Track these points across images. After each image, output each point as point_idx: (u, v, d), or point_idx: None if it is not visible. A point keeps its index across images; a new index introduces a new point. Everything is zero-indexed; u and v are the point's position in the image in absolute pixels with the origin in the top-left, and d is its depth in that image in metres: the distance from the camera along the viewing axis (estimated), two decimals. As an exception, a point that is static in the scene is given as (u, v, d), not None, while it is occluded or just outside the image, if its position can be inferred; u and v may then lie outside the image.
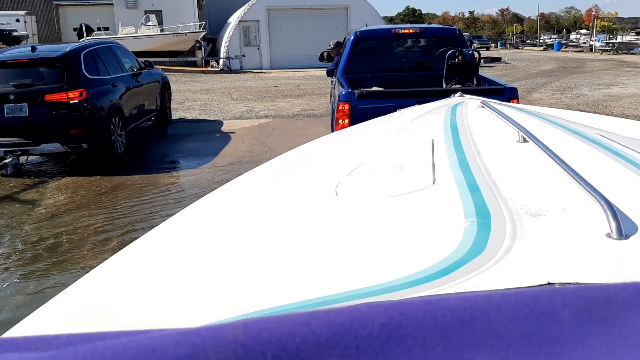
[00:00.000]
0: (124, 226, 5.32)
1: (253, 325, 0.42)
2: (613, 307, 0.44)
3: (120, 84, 8.17)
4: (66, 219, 5.56)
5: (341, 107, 5.12)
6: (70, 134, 7.04)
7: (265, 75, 24.13)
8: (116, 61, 8.60)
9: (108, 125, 7.48)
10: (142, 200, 6.14)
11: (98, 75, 7.71)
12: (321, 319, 0.42)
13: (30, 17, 26.93)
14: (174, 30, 26.29)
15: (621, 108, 11.80)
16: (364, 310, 0.43)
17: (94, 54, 7.91)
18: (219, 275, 1.01)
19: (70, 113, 7.02)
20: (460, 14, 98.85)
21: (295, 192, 1.56)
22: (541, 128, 1.88)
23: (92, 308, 0.96)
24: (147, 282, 1.04)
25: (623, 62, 28.21)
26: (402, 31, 7.35)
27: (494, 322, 0.42)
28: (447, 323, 0.42)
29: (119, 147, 7.85)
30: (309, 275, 0.95)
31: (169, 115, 10.92)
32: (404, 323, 0.42)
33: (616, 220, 0.91)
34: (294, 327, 0.41)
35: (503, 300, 0.44)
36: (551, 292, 0.46)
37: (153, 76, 9.97)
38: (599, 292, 0.46)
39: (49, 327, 0.88)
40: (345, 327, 0.41)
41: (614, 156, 1.43)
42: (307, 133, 9.26)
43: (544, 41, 55.86)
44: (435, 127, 2.09)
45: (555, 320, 0.42)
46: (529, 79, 19.42)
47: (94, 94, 7.30)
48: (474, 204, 1.13)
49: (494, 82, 6.25)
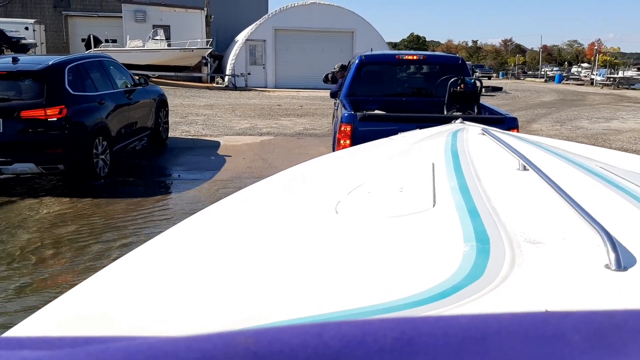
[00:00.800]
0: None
1: (265, 334, 0.42)
2: (622, 333, 0.44)
3: (109, 101, 7.66)
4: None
5: (343, 129, 5.16)
6: (46, 154, 6.52)
7: (269, 93, 24.27)
8: (106, 77, 8.13)
9: (90, 146, 6.97)
10: (108, 237, 5.27)
11: (83, 91, 7.21)
12: (333, 331, 0.42)
13: (39, 26, 27.14)
14: (181, 45, 26.51)
15: (620, 142, 11.86)
16: (376, 324, 0.43)
17: (80, 69, 7.40)
18: (217, 286, 1.01)
19: (47, 131, 6.49)
20: (464, 43, 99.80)
21: (296, 208, 1.56)
22: (541, 157, 1.89)
23: (91, 312, 0.96)
24: (148, 290, 1.04)
25: (623, 96, 28.41)
26: (406, 57, 7.42)
27: (505, 342, 0.42)
28: (459, 341, 0.42)
29: (102, 169, 7.29)
30: (306, 292, 0.95)
31: (164, 135, 10.27)
32: (416, 339, 0.42)
33: (615, 252, 0.92)
34: (306, 338, 0.41)
35: (514, 321, 0.45)
36: (561, 315, 0.47)
37: (148, 93, 9.40)
38: (608, 318, 0.46)
39: (52, 329, 0.88)
40: (357, 340, 0.41)
41: (614, 188, 1.44)
42: (308, 152, 9.29)
43: (545, 73, 56.29)
44: (436, 151, 2.11)
45: (565, 344, 0.43)
46: (530, 109, 19.53)
47: (76, 112, 6.82)
48: (474, 228, 1.13)
49: (494, 111, 6.29)
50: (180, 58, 26.18)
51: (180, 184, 7.55)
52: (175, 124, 12.85)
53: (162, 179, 8.04)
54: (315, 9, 27.88)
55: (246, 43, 27.82)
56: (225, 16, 33.24)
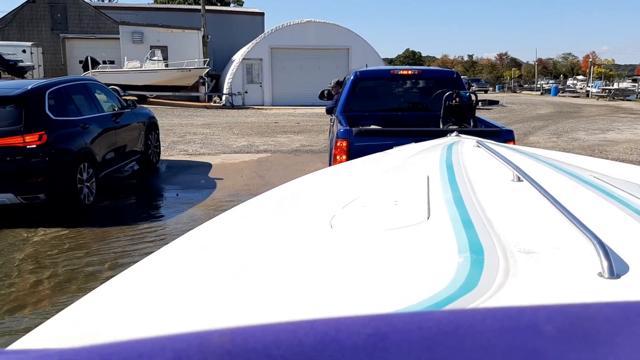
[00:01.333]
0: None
1: (239, 332, 0.42)
2: (596, 323, 0.44)
3: (94, 126, 7.33)
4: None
5: (339, 144, 5.17)
6: (26, 183, 6.18)
7: (266, 111, 24.39)
8: (91, 100, 7.81)
9: (74, 173, 6.63)
10: (87, 271, 4.86)
11: (66, 116, 6.88)
12: (307, 328, 0.42)
13: (36, 49, 27.34)
14: (178, 65, 26.71)
15: (617, 153, 11.91)
16: (350, 321, 0.43)
17: (62, 93, 7.08)
18: (213, 302, 1.01)
19: (26, 159, 6.15)
20: (460, 58, 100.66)
21: (291, 223, 1.56)
22: (535, 168, 1.90)
23: (89, 328, 0.95)
24: (143, 306, 1.03)
25: (619, 108, 28.59)
26: (401, 72, 7.48)
27: (479, 335, 0.42)
28: (433, 335, 0.42)
29: (87, 197, 6.93)
30: (301, 305, 0.95)
31: (155, 159, 9.89)
32: (390, 334, 0.42)
33: (608, 260, 0.92)
34: (280, 335, 0.41)
35: (488, 314, 0.45)
36: (535, 308, 0.47)
37: (137, 116, 9.10)
38: (583, 309, 0.46)
39: (51, 344, 0.88)
40: (331, 337, 0.41)
41: (607, 197, 1.45)
42: (305, 168, 9.30)
43: (541, 86, 56.61)
44: (431, 164, 2.12)
45: (538, 335, 0.42)
46: (526, 122, 19.64)
47: (57, 138, 6.49)
48: (468, 240, 1.13)
49: (490, 124, 6.32)
50: (177, 78, 26.35)
51: (175, 205, 7.42)
52: (173, 143, 12.90)
53: (154, 202, 7.86)
54: (310, 27, 28.16)
55: (243, 62, 28.03)
56: (222, 36, 33.55)
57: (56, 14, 31.65)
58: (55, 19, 31.60)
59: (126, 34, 29.02)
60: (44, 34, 31.16)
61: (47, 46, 30.11)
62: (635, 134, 15.80)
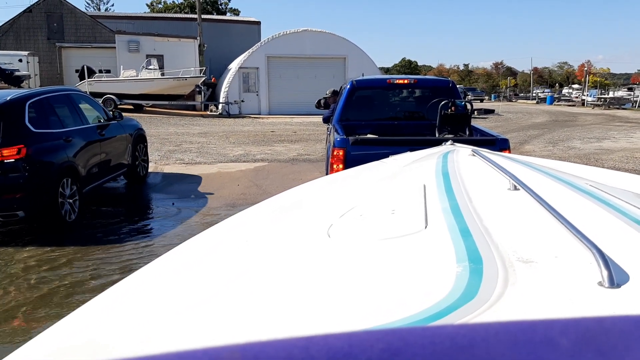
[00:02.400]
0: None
1: (250, 349, 0.41)
2: (610, 337, 0.44)
3: (77, 139, 6.97)
4: None
5: (336, 153, 5.18)
6: (3, 200, 5.85)
7: (263, 120, 24.42)
8: (75, 112, 7.45)
9: (55, 188, 6.27)
10: (62, 293, 4.50)
11: (47, 128, 6.54)
12: (319, 344, 0.41)
13: (33, 58, 27.34)
14: (174, 74, 26.75)
15: (612, 162, 11.95)
16: (363, 336, 0.42)
17: (44, 104, 6.75)
18: (208, 313, 1.00)
19: (4, 174, 5.82)
20: (455, 67, 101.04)
21: (288, 232, 1.56)
22: (532, 177, 1.90)
23: (81, 341, 0.94)
24: (139, 317, 1.02)
25: (615, 116, 28.74)
26: (397, 81, 7.50)
27: (493, 349, 0.42)
28: (446, 350, 0.42)
29: (69, 214, 6.58)
30: (298, 316, 0.94)
31: (143, 172, 9.52)
32: (403, 349, 0.41)
33: (608, 269, 0.91)
34: (292, 351, 0.40)
35: (501, 328, 0.44)
36: (549, 322, 0.46)
37: (123, 128, 8.74)
38: (597, 323, 0.46)
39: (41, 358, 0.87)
40: (344, 352, 0.40)
41: (605, 206, 1.45)
42: (302, 177, 9.30)
43: (537, 95, 56.83)
44: (427, 173, 2.11)
45: (553, 349, 0.42)
46: (522, 131, 19.71)
47: (38, 151, 6.16)
48: (466, 249, 1.13)
49: (486, 133, 6.34)
50: (173, 87, 26.39)
51: (169, 216, 7.24)
52: (169, 152, 12.90)
53: (143, 216, 7.55)
54: (307, 36, 28.28)
55: (239, 71, 28.10)
56: (219, 45, 33.65)
57: (52, 24, 31.71)
58: (51, 28, 31.66)
59: (122, 43, 29.09)
60: (40, 43, 31.20)
61: (43, 55, 30.13)
62: (631, 143, 15.87)
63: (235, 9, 61.03)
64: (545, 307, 0.87)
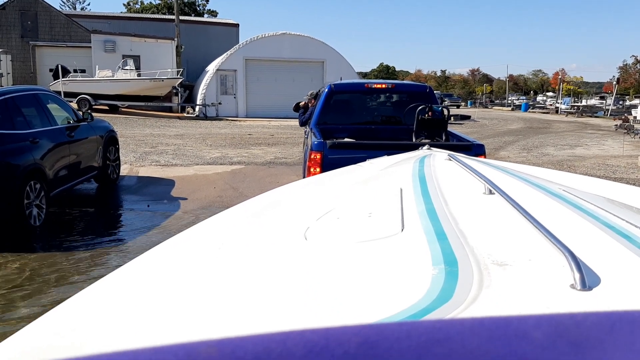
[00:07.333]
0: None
1: (228, 343, 0.41)
2: (583, 330, 0.45)
3: (44, 140, 6.71)
4: None
5: (313, 156, 5.18)
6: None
7: (240, 123, 24.32)
8: (43, 112, 7.19)
9: (20, 192, 6.00)
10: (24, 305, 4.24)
11: (12, 129, 6.25)
12: (297, 338, 0.41)
13: (5, 56, 26.79)
14: (151, 75, 26.48)
15: (584, 168, 12.20)
16: (340, 331, 0.43)
17: (9, 104, 6.46)
18: (183, 313, 0.99)
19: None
20: (433, 73, 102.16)
21: (265, 235, 1.55)
22: (506, 181, 1.92)
23: (57, 340, 0.92)
24: (112, 316, 1.01)
25: (587, 124, 29.35)
26: (375, 86, 7.55)
27: (468, 342, 0.42)
28: (423, 343, 0.42)
29: (36, 219, 6.33)
30: (274, 318, 0.94)
31: (114, 175, 9.32)
32: (380, 342, 0.41)
33: (580, 272, 0.93)
34: (270, 345, 0.40)
35: (477, 322, 0.45)
36: (523, 316, 0.47)
37: (94, 129, 8.50)
38: (569, 317, 0.46)
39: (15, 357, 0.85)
40: (321, 346, 0.40)
41: (577, 210, 1.47)
42: (279, 180, 9.27)
43: (512, 102, 57.72)
44: (404, 176, 2.13)
45: (527, 342, 0.43)
46: (497, 137, 20.00)
47: (2, 153, 5.91)
48: (442, 252, 1.13)
49: (462, 139, 6.41)
50: (150, 88, 26.12)
51: (144, 219, 7.11)
52: (145, 153, 12.75)
53: (115, 219, 7.40)
54: (286, 39, 28.27)
55: (217, 73, 27.95)
56: (196, 46, 33.45)
57: (26, 22, 31.10)
58: (25, 26, 31.05)
59: (98, 42, 28.70)
60: (13, 41, 30.57)
61: (16, 54, 29.55)
62: (603, 150, 16.23)
63: (213, 11, 60.72)
64: (519, 309, 0.88)
